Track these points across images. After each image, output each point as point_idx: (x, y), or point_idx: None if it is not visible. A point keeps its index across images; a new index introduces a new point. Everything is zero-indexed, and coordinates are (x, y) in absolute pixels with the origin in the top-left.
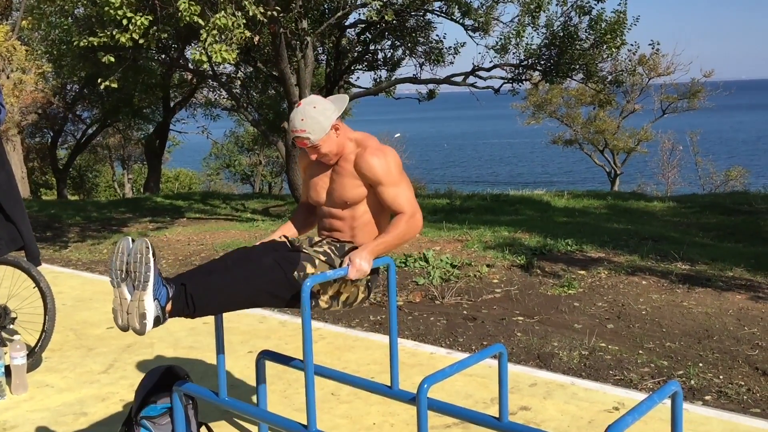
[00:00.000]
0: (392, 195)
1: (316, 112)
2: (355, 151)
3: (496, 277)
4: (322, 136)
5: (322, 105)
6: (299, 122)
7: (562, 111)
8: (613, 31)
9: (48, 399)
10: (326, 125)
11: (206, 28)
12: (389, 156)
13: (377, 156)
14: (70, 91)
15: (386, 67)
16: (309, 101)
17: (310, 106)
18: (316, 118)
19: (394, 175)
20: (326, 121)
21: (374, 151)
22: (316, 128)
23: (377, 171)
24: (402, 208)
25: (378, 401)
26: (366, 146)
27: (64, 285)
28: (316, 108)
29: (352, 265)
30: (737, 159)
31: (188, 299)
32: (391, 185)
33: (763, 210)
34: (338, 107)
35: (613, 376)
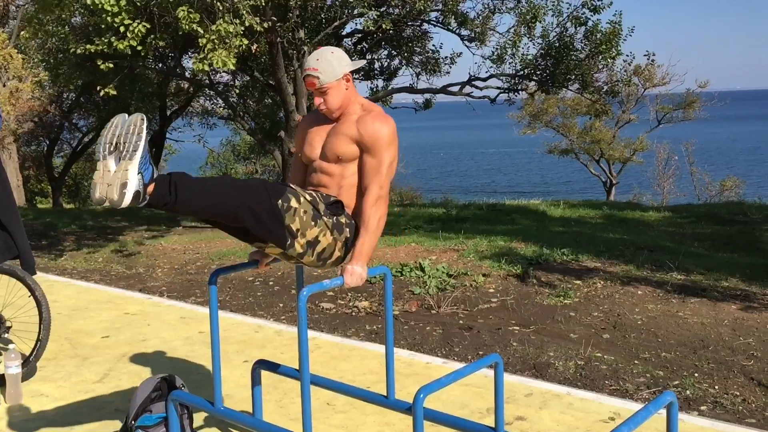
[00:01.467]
0: (370, 166)
1: (333, 57)
2: (359, 113)
3: (492, 287)
4: (332, 81)
5: (340, 54)
6: (314, 61)
7: (558, 121)
8: (608, 41)
9: (42, 408)
10: (338, 72)
11: (206, 35)
12: (389, 126)
13: (378, 121)
14: (67, 99)
15: (383, 77)
16: (329, 48)
17: (328, 51)
18: (331, 62)
19: (383, 146)
20: (339, 68)
21: (377, 116)
22: (328, 71)
23: (371, 135)
24: (370, 186)
25: (374, 411)
26: (370, 110)
27: (60, 294)
28: (333, 54)
29: (347, 273)
30: (733, 170)
31: (171, 186)
32: (375, 155)
33: (759, 220)
34: (355, 63)
35: (609, 386)
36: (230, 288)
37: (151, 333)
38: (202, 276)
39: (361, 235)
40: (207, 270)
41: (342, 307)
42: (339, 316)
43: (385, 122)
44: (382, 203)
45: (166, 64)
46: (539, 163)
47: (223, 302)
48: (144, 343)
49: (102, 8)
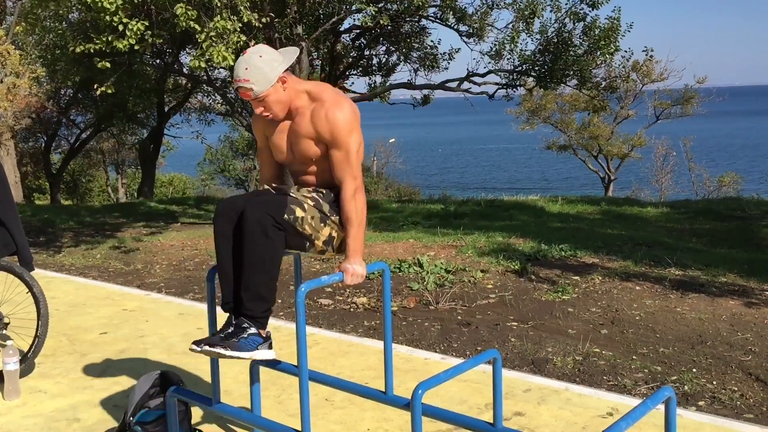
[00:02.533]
0: (338, 159)
1: (262, 62)
2: (310, 105)
3: (491, 283)
4: (267, 88)
5: (270, 55)
6: (243, 71)
7: (556, 117)
8: (607, 37)
9: (41, 405)
10: (272, 77)
11: (204, 31)
12: (343, 111)
13: (331, 111)
14: (64, 95)
15: (381, 73)
16: (256, 50)
17: (255, 55)
18: (262, 69)
19: (343, 135)
20: (272, 72)
21: (330, 105)
22: (261, 79)
23: (329, 128)
24: (343, 179)
25: (372, 407)
26: (321, 100)
27: (58, 290)
28: (262, 57)
29: (347, 273)
30: (732, 165)
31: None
32: (339, 147)
33: (756, 216)
34: (287, 59)
35: (607, 382)
36: None
37: (149, 329)
38: (200, 272)
39: (348, 232)
40: (205, 266)
41: (340, 303)
42: (337, 312)
43: (338, 108)
44: (359, 194)
45: (164, 60)
46: (539, 160)
47: (219, 297)
48: (142, 340)
49: (101, 6)
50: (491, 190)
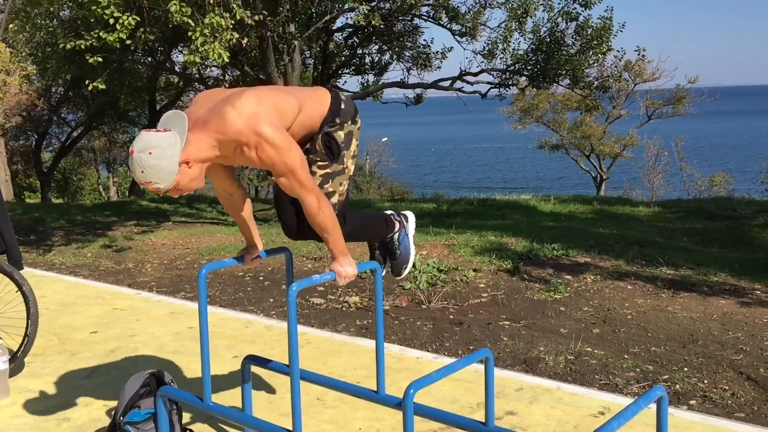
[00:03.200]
0: (285, 182)
1: (155, 159)
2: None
3: (483, 282)
4: (173, 179)
5: (159, 147)
6: (140, 175)
7: (548, 116)
8: (599, 37)
9: (30, 404)
10: (173, 167)
11: (198, 28)
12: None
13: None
14: (55, 93)
15: (374, 72)
16: (142, 147)
17: (145, 154)
18: (158, 165)
19: (281, 159)
20: (170, 163)
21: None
22: (163, 175)
23: (265, 161)
24: (301, 197)
25: (364, 406)
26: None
27: (48, 289)
28: (153, 154)
29: (338, 275)
30: (723, 165)
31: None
32: (284, 174)
33: (747, 215)
34: (179, 131)
35: (599, 381)
36: (220, 283)
37: (140, 328)
38: (191, 271)
39: (327, 240)
40: (197, 265)
41: (332, 302)
42: (329, 311)
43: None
44: (323, 203)
45: (156, 58)
46: (532, 159)
47: (212, 297)
48: (133, 339)
49: (93, 0)
50: (485, 190)
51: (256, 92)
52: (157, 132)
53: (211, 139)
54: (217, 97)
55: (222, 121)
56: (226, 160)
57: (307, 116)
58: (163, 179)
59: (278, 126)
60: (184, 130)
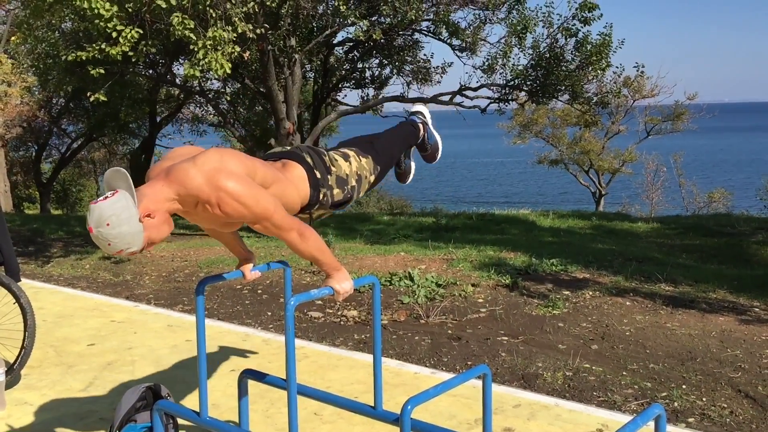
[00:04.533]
0: (263, 229)
1: (114, 228)
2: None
3: (481, 297)
4: (143, 236)
5: (114, 215)
6: (109, 248)
7: (547, 131)
8: (598, 53)
9: (26, 417)
10: (135, 228)
11: (200, 41)
12: (233, 195)
13: (223, 206)
14: (56, 104)
15: (374, 85)
16: (97, 222)
17: (102, 227)
18: (120, 233)
19: (252, 212)
20: (131, 225)
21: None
22: (130, 239)
23: (235, 218)
24: (283, 238)
25: (361, 422)
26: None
27: (45, 301)
28: (110, 225)
29: (336, 293)
30: (722, 182)
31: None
32: (259, 219)
33: (746, 232)
34: (127, 190)
35: (597, 398)
36: (218, 296)
37: (137, 341)
38: (189, 284)
39: (316, 263)
40: (195, 278)
41: (330, 316)
42: (327, 325)
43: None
44: (305, 232)
45: (157, 70)
46: (533, 174)
47: (210, 310)
48: (130, 351)
49: (97, 13)
50: (485, 205)
51: (221, 150)
52: (105, 199)
53: (170, 190)
54: (187, 154)
55: (182, 175)
56: (192, 218)
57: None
58: (132, 243)
59: (241, 176)
60: (130, 185)
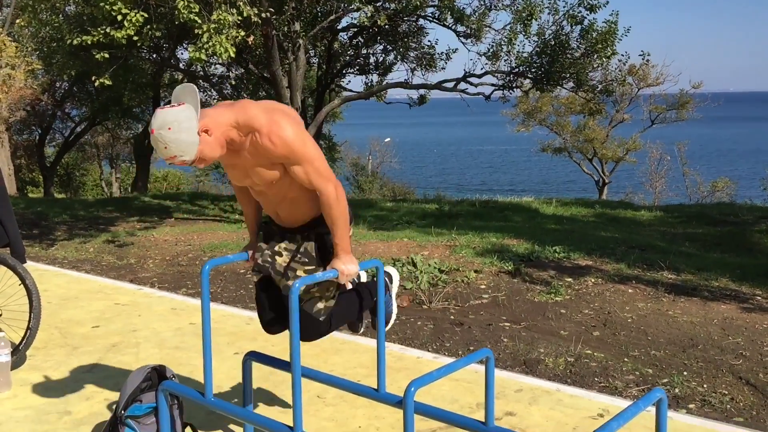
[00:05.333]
0: (304, 173)
1: (175, 134)
2: (246, 138)
3: (484, 283)
4: (197, 149)
5: (177, 121)
6: (164, 151)
7: (551, 119)
8: (604, 41)
9: (32, 397)
10: (193, 138)
11: (204, 25)
12: (287, 129)
13: (273, 135)
14: (60, 88)
15: (378, 72)
16: (160, 124)
17: (164, 130)
18: (179, 139)
19: (298, 150)
20: (190, 135)
21: (269, 130)
22: (185, 148)
23: (280, 150)
24: (319, 188)
25: (364, 404)
26: (256, 129)
27: (50, 283)
28: (171, 129)
29: (341, 274)
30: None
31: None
32: (300, 162)
33: (749, 221)
34: (192, 104)
35: (599, 383)
36: (221, 280)
37: (141, 324)
38: (193, 267)
39: (335, 233)
40: (198, 262)
41: None
42: None
43: (280, 128)
44: (340, 192)
45: (161, 55)
46: (538, 162)
47: (214, 294)
48: (134, 334)
49: None
50: (489, 192)
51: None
52: (172, 107)
53: (231, 115)
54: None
55: (245, 104)
56: (235, 162)
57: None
58: (186, 151)
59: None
60: (197, 100)
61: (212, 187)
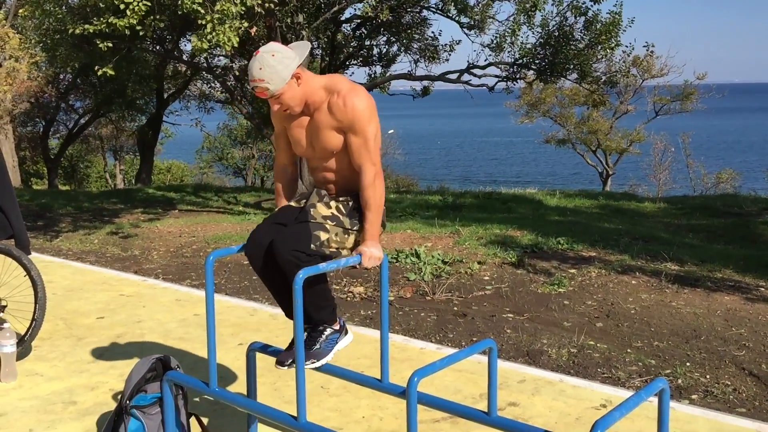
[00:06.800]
0: (357, 145)
1: (275, 61)
2: (326, 99)
3: (487, 274)
4: (282, 86)
5: (282, 53)
6: (257, 71)
7: (555, 110)
8: (608, 32)
9: (37, 387)
10: (286, 75)
11: (208, 15)
12: (362, 99)
13: (349, 99)
14: (63, 80)
15: (381, 63)
16: (268, 49)
17: (268, 54)
18: (275, 67)
19: (362, 121)
20: (285, 70)
21: (347, 93)
22: (275, 78)
23: (349, 115)
24: (362, 165)
25: (367, 395)
26: (338, 91)
27: (55, 274)
28: (274, 56)
29: (365, 256)
30: (729, 162)
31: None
32: (358, 133)
33: (753, 213)
34: (299, 54)
35: (601, 374)
36: (226, 271)
37: (146, 315)
38: (197, 259)
39: (366, 217)
40: (203, 253)
41: (337, 292)
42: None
43: (356, 96)
44: (378, 180)
45: (164, 46)
46: (544, 154)
47: (218, 285)
48: (139, 325)
49: None
50: (494, 184)
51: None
52: (282, 45)
53: (323, 79)
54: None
55: (337, 76)
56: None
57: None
58: (274, 81)
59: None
60: (305, 54)
61: (216, 179)
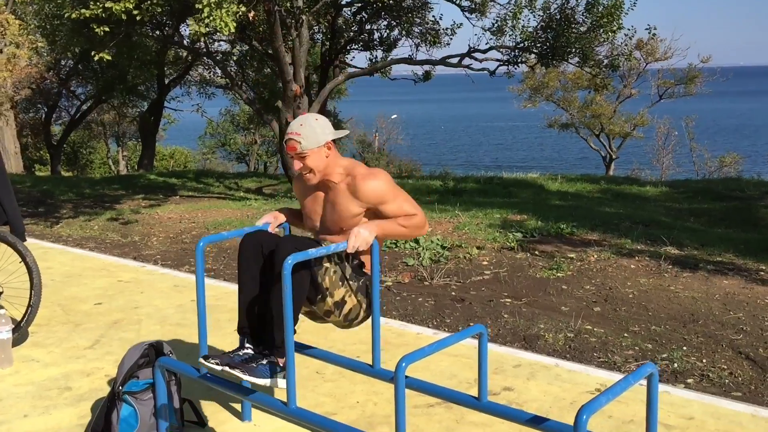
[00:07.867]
0: (395, 208)
1: (317, 124)
2: (344, 179)
3: (486, 259)
4: (313, 147)
5: (324, 122)
6: (297, 126)
7: (558, 95)
8: (610, 14)
9: (33, 373)
10: (321, 139)
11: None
12: (382, 177)
13: (371, 180)
14: (64, 66)
15: (382, 48)
16: (314, 115)
17: (312, 117)
18: (314, 128)
19: (392, 192)
20: (322, 134)
21: (368, 176)
22: (310, 137)
23: (378, 194)
24: (409, 213)
25: (362, 380)
26: (356, 174)
27: (54, 261)
28: (317, 121)
29: (351, 234)
30: (733, 146)
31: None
32: (392, 201)
33: (755, 196)
34: (336, 133)
35: (597, 359)
36: (224, 257)
37: (143, 301)
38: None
39: (390, 225)
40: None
41: None
42: None
43: (376, 178)
44: (422, 220)
45: (164, 32)
46: (549, 138)
47: (216, 271)
48: (136, 311)
49: None
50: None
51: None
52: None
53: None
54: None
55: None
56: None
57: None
58: (308, 139)
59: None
60: (341, 135)
61: (219, 164)
